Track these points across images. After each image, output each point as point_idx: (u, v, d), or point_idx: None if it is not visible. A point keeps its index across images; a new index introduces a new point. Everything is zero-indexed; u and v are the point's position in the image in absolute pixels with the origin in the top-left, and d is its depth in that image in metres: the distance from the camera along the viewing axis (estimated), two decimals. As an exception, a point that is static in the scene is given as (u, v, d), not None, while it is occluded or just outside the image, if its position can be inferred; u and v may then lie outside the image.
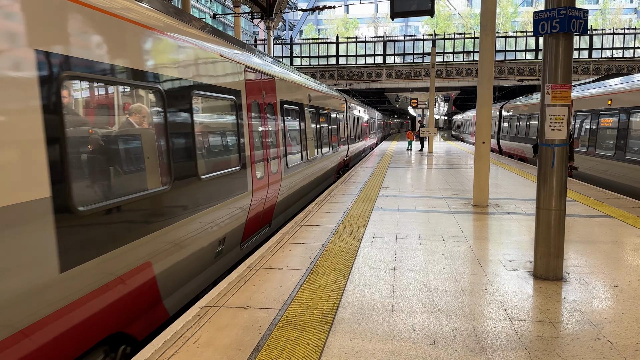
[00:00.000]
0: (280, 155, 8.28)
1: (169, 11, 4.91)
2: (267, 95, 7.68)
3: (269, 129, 7.76)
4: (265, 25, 29.52)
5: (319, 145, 12.54)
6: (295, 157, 9.58)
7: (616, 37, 37.31)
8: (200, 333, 3.71)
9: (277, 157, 8.07)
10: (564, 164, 4.86)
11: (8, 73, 2.75)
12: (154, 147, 4.42)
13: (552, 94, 4.76)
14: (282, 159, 8.41)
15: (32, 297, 2.86)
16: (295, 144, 9.78)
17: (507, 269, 5.24)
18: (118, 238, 3.73)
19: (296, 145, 9.90)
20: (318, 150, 12.30)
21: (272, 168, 7.72)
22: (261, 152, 7.25)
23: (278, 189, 8.12)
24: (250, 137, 6.72)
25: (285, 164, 8.58)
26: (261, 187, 7.11)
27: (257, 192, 6.88)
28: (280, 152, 8.34)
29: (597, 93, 13.34)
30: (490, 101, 8.95)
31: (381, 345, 3.49)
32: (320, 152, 12.59)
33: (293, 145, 9.59)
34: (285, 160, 8.58)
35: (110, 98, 4.05)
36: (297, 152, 9.83)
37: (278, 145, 8.22)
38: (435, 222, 7.63)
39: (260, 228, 7.56)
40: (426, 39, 40.00)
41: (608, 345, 3.50)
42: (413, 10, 7.84)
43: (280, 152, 8.34)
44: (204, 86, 5.29)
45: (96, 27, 3.53)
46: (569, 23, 4.56)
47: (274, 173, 7.81)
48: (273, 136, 7.99)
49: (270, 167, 7.60)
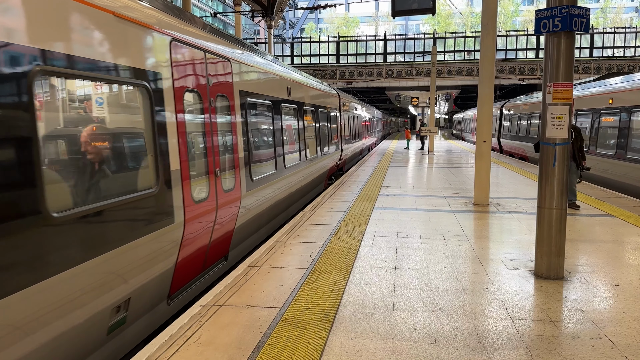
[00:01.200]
0: (239, 165, 6.31)
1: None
2: (216, 84, 5.67)
3: (220, 130, 5.77)
4: (265, 23, 29.50)
5: (302, 149, 10.50)
6: (265, 166, 7.60)
7: (617, 36, 37.28)
8: (201, 332, 3.71)
9: (234, 168, 6.14)
10: (565, 163, 4.85)
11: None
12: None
13: (554, 92, 4.75)
14: (243, 169, 6.45)
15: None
16: (265, 149, 7.74)
17: (508, 268, 5.24)
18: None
19: (267, 151, 7.84)
20: (301, 155, 10.28)
21: (224, 183, 5.79)
22: (203, 163, 5.29)
23: (236, 211, 6.20)
24: (180, 141, 4.66)
25: (249, 176, 6.66)
26: (204, 212, 5.18)
27: (194, 220, 4.92)
28: (240, 161, 6.37)
29: (598, 92, 13.32)
30: (491, 100, 8.94)
31: (382, 344, 3.49)
32: (305, 156, 10.63)
33: (262, 151, 7.57)
34: (248, 172, 6.63)
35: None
36: (268, 160, 7.82)
37: (235, 152, 6.21)
38: (436, 221, 7.62)
39: (207, 268, 5.68)
40: (427, 37, 40.00)
41: (609, 344, 3.50)
42: (414, 9, 7.84)
43: (240, 161, 6.37)
44: (74, 61, 3.36)
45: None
46: (570, 21, 4.55)
47: (227, 190, 5.89)
48: (227, 140, 6.01)
49: (220, 182, 5.67)
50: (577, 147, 8.33)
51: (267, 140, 7.95)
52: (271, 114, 8.14)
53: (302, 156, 10.32)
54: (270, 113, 8.09)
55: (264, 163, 7.59)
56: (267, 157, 7.80)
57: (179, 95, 4.75)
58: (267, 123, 8.03)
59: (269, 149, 7.97)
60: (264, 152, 7.68)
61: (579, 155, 8.37)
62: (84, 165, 3.56)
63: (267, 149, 7.88)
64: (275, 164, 8.15)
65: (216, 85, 5.70)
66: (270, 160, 7.99)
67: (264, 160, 7.61)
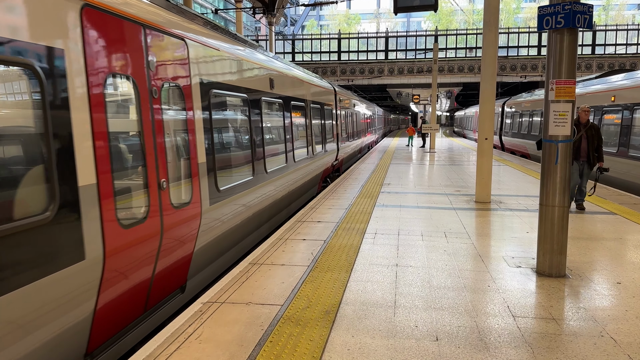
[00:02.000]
0: (199, 173, 5.09)
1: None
2: (162, 69, 4.42)
3: (169, 129, 4.53)
4: (267, 20, 29.45)
5: (289, 150, 9.14)
6: (238, 171, 6.39)
7: (619, 33, 37.13)
8: (202, 329, 3.70)
9: (191, 177, 4.91)
10: (567, 161, 4.83)
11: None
12: None
13: (557, 89, 4.73)
14: (206, 178, 5.25)
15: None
16: (238, 152, 6.50)
17: (510, 266, 5.23)
18: None
19: (241, 153, 6.59)
20: (287, 157, 8.93)
21: (174, 197, 4.56)
22: (139, 173, 4.06)
23: (195, 230, 5.00)
24: (97, 145, 3.52)
25: (214, 186, 5.44)
26: (140, 238, 3.97)
27: (122, 252, 3.77)
28: (201, 168, 5.15)
29: (600, 89, 13.28)
30: (493, 97, 8.91)
31: (384, 342, 3.48)
32: (292, 158, 9.30)
33: (235, 154, 6.36)
34: (212, 180, 5.42)
35: None
36: (243, 164, 6.61)
37: (193, 156, 4.98)
38: (438, 218, 7.61)
39: (152, 307, 4.46)
40: (428, 34, 39.88)
41: (612, 342, 3.49)
42: (417, 5, 7.81)
43: (201, 168, 5.15)
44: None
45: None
46: (573, 18, 4.53)
47: (180, 206, 4.62)
48: (179, 141, 4.74)
49: (168, 196, 4.41)
50: (594, 147, 7.92)
51: (241, 141, 6.65)
52: (247, 110, 6.82)
53: (288, 158, 8.97)
54: (246, 108, 6.79)
55: (237, 169, 6.37)
56: (241, 161, 6.56)
57: (95, 81, 3.53)
58: (242, 120, 6.74)
59: (244, 152, 6.70)
60: (237, 156, 6.43)
61: (594, 155, 7.94)
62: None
63: (241, 152, 6.61)
64: (252, 169, 6.88)
65: (162, 70, 4.42)
66: (247, 165, 6.72)
67: (237, 165, 6.38)
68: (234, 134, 6.46)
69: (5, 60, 2.81)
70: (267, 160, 7.58)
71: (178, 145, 4.73)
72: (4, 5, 2.80)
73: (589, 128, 7.95)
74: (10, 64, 2.87)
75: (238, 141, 6.59)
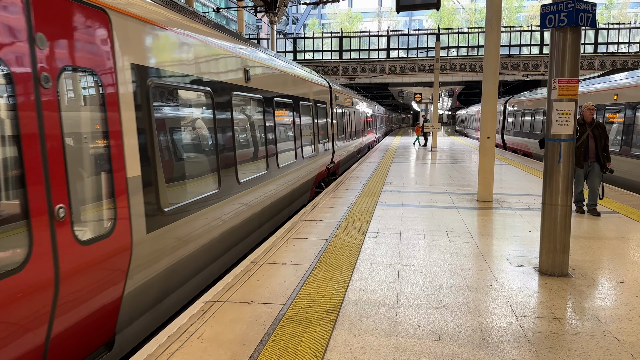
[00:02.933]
0: (127, 191, 3.80)
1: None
2: (63, 48, 3.25)
3: (77, 132, 3.39)
4: (268, 19, 29.43)
5: (271, 154, 7.73)
6: (194, 184, 5.04)
7: (622, 31, 37.06)
8: (204, 328, 3.70)
9: (113, 197, 3.66)
10: (570, 160, 4.82)
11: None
12: None
13: (559, 88, 4.71)
14: (138, 196, 3.94)
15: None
16: (196, 160, 5.17)
17: (512, 265, 5.21)
18: None
19: (199, 161, 5.23)
20: (269, 163, 7.50)
21: (80, 228, 3.34)
22: (17, 196, 2.88)
23: (123, 269, 3.77)
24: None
25: (154, 206, 4.14)
26: (19, 292, 2.80)
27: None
28: (131, 184, 3.86)
29: (602, 88, 13.25)
30: (495, 96, 8.89)
31: (386, 341, 3.48)
32: (275, 163, 7.89)
33: (190, 162, 5.03)
34: (152, 199, 4.12)
35: None
36: (202, 174, 5.24)
37: (118, 169, 3.72)
38: (440, 217, 7.59)
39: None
40: (430, 33, 39.85)
41: (615, 342, 3.48)
42: (419, 4, 7.78)
43: (131, 184, 3.86)
44: None
45: None
46: (576, 16, 4.51)
47: (91, 240, 3.40)
48: (93, 149, 3.56)
49: (69, 229, 3.21)
50: (602, 147, 7.57)
51: (201, 146, 5.31)
52: (212, 106, 5.48)
53: (270, 164, 7.54)
54: (209, 104, 5.45)
55: (195, 180, 5.07)
56: (202, 170, 5.25)
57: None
58: (204, 120, 5.42)
59: (206, 158, 5.36)
60: (195, 164, 5.11)
61: (603, 155, 7.58)
62: None
63: (202, 159, 5.28)
64: (218, 180, 5.55)
65: (65, 50, 3.26)
66: (210, 175, 5.40)
67: (195, 175, 5.08)
68: (190, 137, 5.14)
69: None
70: (240, 168, 6.26)
71: (91, 153, 3.51)
72: None
73: (594, 127, 7.61)
74: None
75: (197, 146, 5.26)
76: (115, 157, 3.73)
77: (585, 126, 7.63)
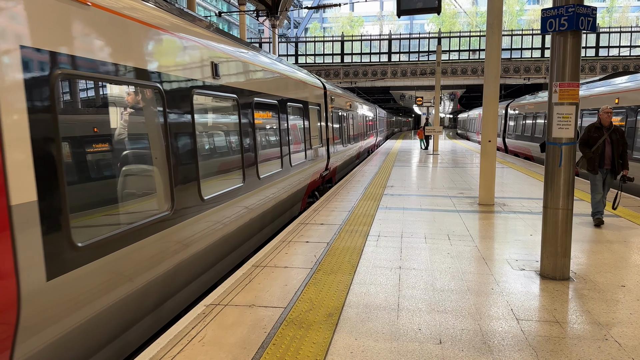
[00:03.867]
0: (10, 225, 2.70)
1: None
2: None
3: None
4: (270, 23, 29.53)
5: (249, 164, 6.48)
6: (131, 206, 3.92)
7: (623, 35, 37.10)
8: (205, 331, 3.71)
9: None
10: (571, 163, 4.82)
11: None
12: None
13: (560, 92, 4.72)
14: (31, 231, 2.84)
15: None
16: (141, 173, 4.14)
17: (514, 269, 5.21)
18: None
19: (145, 172, 4.18)
20: (245, 174, 6.28)
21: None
22: None
23: (8, 332, 2.71)
24: None
25: (61, 242, 3.06)
26: None
27: None
28: (17, 214, 2.74)
29: (603, 92, 13.25)
30: (496, 99, 8.90)
31: (387, 345, 3.48)
32: (255, 174, 6.67)
33: (126, 176, 3.91)
34: (55, 232, 3.01)
35: None
36: (139, 193, 4.10)
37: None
38: (441, 221, 7.59)
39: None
40: (432, 37, 39.91)
41: (616, 346, 3.47)
42: (420, 8, 7.80)
43: (17, 214, 2.74)
44: None
45: None
46: (577, 21, 4.52)
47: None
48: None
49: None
50: (619, 153, 7.13)
51: (142, 157, 4.10)
52: (162, 106, 4.30)
53: (246, 176, 6.34)
54: (159, 102, 4.27)
55: (129, 202, 3.86)
56: (139, 187, 4.07)
57: None
58: (148, 123, 4.18)
59: (150, 171, 4.18)
60: (131, 181, 3.95)
61: (619, 163, 7.16)
62: None
63: (141, 173, 4.12)
64: (170, 199, 4.34)
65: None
66: (153, 194, 4.20)
67: (129, 196, 3.88)
68: (125, 146, 3.88)
69: None
70: (204, 183, 5.11)
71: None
72: None
73: (612, 132, 7.11)
74: None
75: (137, 157, 4.02)
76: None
77: (602, 130, 7.17)
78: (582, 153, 7.27)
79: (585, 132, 7.35)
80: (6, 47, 2.69)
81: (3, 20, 2.68)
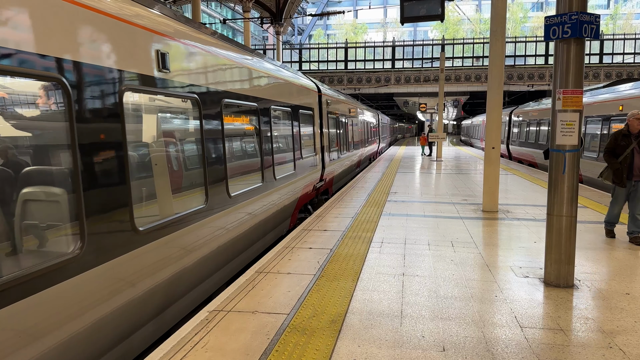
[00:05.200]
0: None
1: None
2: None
3: None
4: (274, 30, 29.67)
5: (216, 180, 5.28)
6: (60, 232, 3.06)
7: (627, 42, 37.02)
8: (208, 337, 3.71)
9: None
10: (575, 170, 4.82)
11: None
12: None
13: (563, 99, 4.73)
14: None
15: None
16: (51, 197, 3.06)
17: (518, 276, 5.19)
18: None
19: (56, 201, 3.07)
20: (208, 194, 5.01)
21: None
22: None
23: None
24: None
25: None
26: None
27: None
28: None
29: (608, 99, 13.23)
30: (500, 106, 8.91)
31: (390, 352, 3.47)
32: (225, 192, 5.48)
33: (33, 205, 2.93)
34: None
35: None
36: (62, 219, 3.06)
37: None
38: (445, 227, 7.58)
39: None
40: (435, 43, 39.99)
41: (620, 354, 3.45)
42: (423, 15, 7.84)
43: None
44: None
45: None
46: (580, 28, 4.53)
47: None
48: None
49: None
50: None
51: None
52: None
53: (211, 195, 5.11)
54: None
55: (61, 226, 3.07)
56: (67, 211, 3.08)
57: None
58: (54, 134, 3.06)
59: (67, 197, 3.09)
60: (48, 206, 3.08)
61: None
62: None
63: (58, 191, 3.09)
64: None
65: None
66: (74, 230, 3.11)
67: (54, 220, 3.06)
68: (52, 159, 3.06)
69: None
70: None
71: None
72: None
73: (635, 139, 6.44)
74: None
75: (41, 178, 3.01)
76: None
77: (630, 138, 6.45)
78: (608, 163, 6.60)
79: (611, 139, 6.64)
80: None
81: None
